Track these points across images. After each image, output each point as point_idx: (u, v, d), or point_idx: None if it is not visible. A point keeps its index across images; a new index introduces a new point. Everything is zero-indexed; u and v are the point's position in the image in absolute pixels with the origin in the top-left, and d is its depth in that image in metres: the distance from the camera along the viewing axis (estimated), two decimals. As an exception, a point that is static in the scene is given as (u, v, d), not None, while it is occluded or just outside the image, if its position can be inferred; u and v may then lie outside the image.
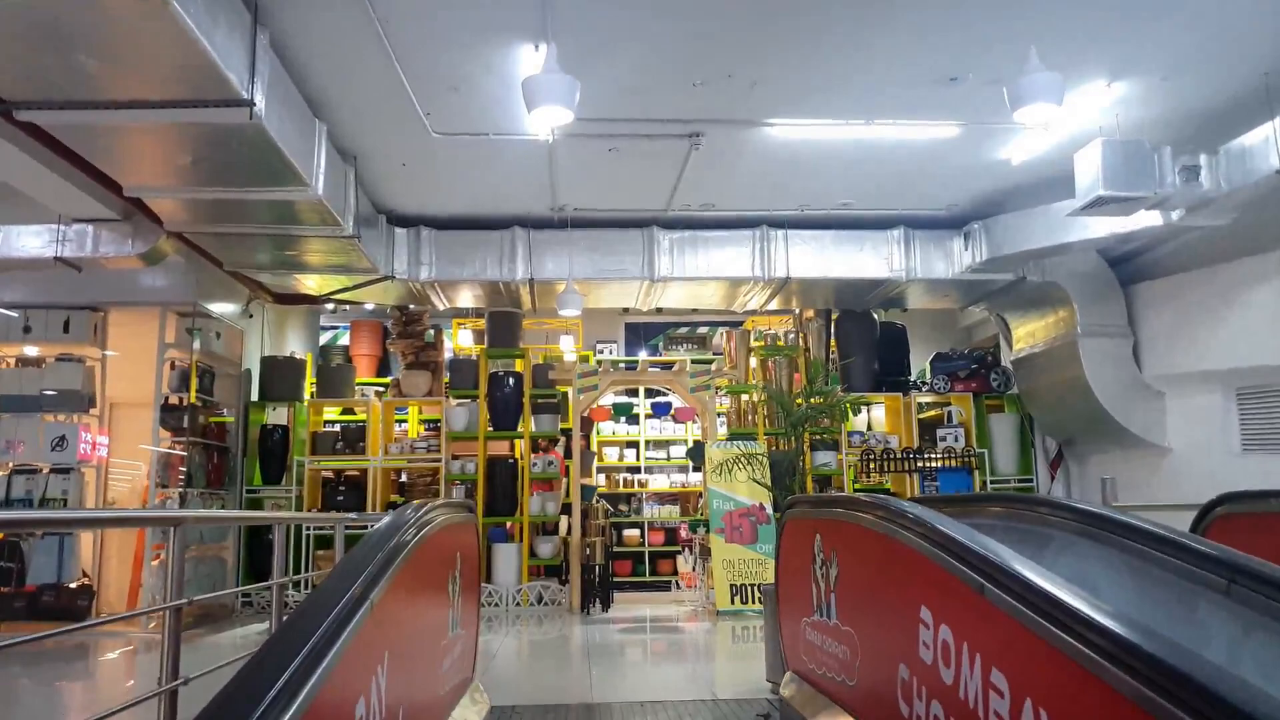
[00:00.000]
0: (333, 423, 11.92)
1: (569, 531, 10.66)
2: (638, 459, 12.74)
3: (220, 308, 9.41)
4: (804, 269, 8.85)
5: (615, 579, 10.22)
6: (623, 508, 12.38)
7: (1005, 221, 8.32)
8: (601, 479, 12.36)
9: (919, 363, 11.24)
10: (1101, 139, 6.29)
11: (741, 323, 11.95)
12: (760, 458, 6.47)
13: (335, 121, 6.56)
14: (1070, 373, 9.07)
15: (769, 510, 9.35)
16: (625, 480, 12.41)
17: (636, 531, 12.16)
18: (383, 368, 12.47)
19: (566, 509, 10.84)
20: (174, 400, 8.96)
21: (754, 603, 9.05)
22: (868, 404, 9.68)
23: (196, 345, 9.05)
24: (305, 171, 6.07)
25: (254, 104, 4.93)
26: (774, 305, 10.02)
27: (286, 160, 5.70)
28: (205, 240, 7.60)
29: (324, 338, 13.32)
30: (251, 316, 10.14)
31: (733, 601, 9.05)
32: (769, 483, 7.38)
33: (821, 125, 6.79)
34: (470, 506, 4.31)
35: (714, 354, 12.77)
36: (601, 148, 7.14)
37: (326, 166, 6.41)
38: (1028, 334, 9.83)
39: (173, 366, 8.98)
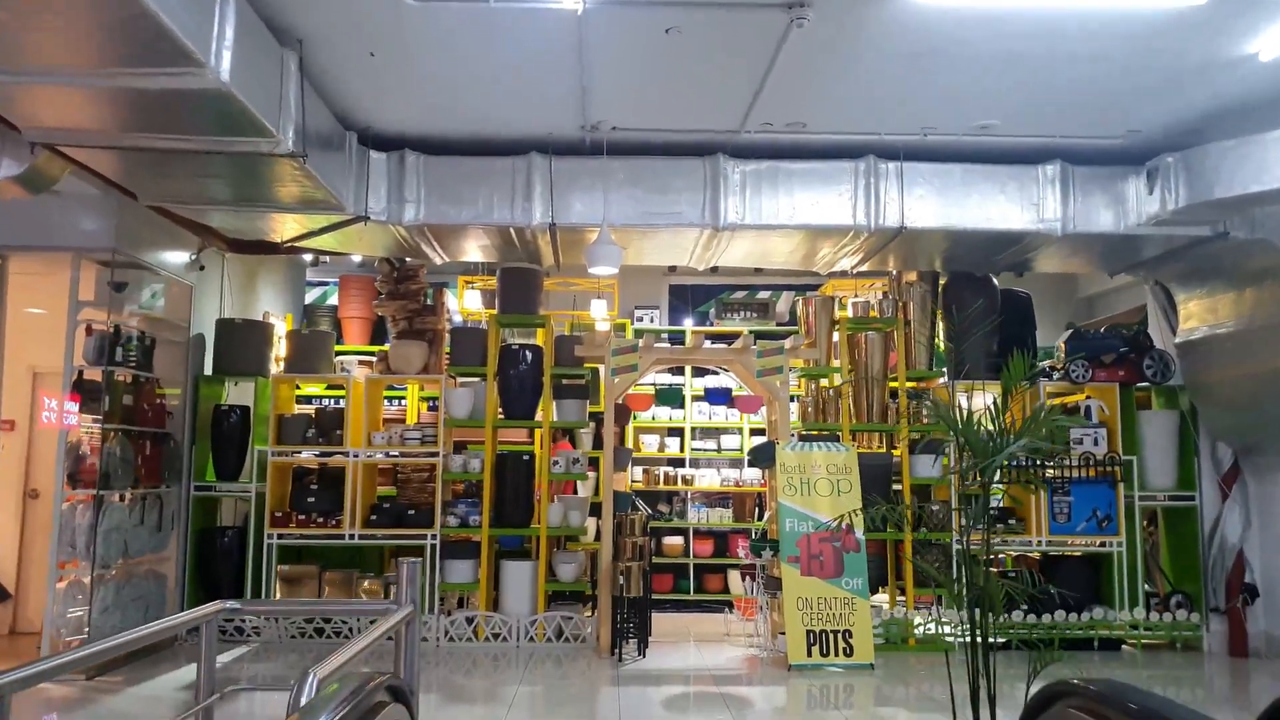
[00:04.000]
0: (316, 399, 9.90)
1: (596, 537, 8.58)
2: (681, 450, 10.55)
3: (160, 256, 7.32)
4: (923, 217, 6.48)
5: (654, 596, 8.13)
6: (663, 508, 10.25)
7: (1218, 152, 5.90)
8: (638, 473, 10.20)
9: (1041, 341, 8.88)
10: None
11: (817, 286, 9.63)
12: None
13: (257, -26, 4.35)
14: (1274, 362, 6.72)
15: (858, 535, 7.17)
16: (666, 475, 10.22)
17: (679, 539, 10.03)
18: (378, 333, 10.33)
19: (595, 510, 8.76)
20: (93, 375, 6.93)
21: (837, 655, 6.91)
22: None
23: (137, 304, 7.03)
24: (195, 41, 3.86)
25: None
26: (868, 265, 7.69)
27: (153, 14, 3.51)
28: (97, 160, 5.43)
29: (311, 295, 11.19)
30: (203, 268, 8.03)
31: (810, 653, 6.91)
32: (862, 501, 5.22)
33: (996, -13, 4.46)
34: (408, 688, 2.14)
35: (777, 324, 10.46)
36: (656, 27, 4.85)
37: (238, 39, 4.19)
38: (1206, 309, 7.45)
39: (89, 331, 6.93)
